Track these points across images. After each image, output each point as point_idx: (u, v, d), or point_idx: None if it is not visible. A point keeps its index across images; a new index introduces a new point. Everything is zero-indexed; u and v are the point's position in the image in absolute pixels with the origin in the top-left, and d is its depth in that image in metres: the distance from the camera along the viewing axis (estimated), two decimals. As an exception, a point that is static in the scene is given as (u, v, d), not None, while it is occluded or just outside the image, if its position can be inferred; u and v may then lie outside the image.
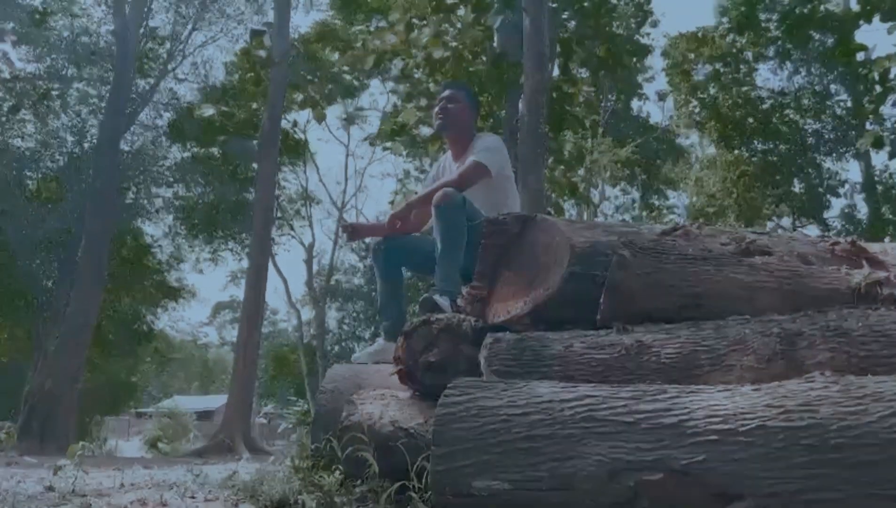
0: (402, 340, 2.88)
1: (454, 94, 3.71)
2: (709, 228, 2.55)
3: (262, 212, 14.80)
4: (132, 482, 3.53)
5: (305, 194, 24.68)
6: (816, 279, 1.99)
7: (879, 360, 1.65)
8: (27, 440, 12.15)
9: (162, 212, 19.18)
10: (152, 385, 48.81)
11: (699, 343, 1.81)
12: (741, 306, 1.98)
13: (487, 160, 3.46)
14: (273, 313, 38.53)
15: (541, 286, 2.48)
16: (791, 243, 2.45)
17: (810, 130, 16.34)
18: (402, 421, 2.74)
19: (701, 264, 2.05)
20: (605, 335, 1.96)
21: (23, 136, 17.24)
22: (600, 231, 2.53)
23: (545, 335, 2.03)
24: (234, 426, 11.68)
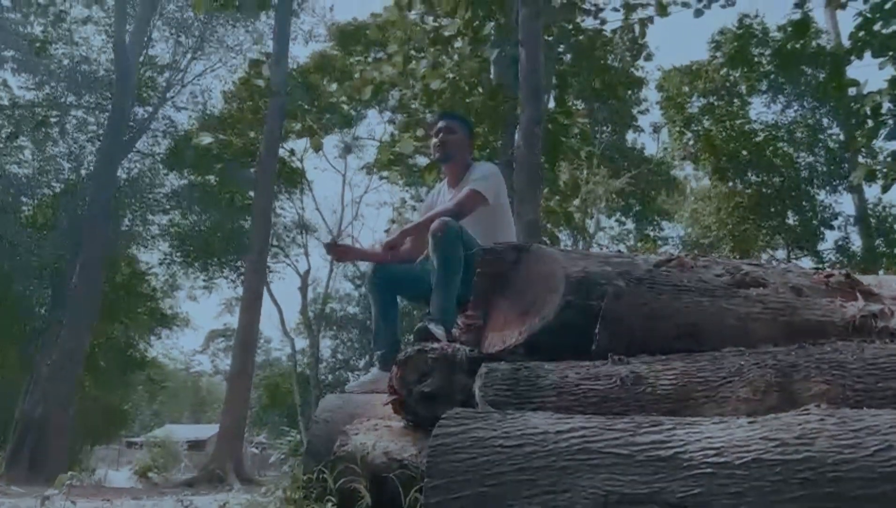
0: (397, 369, 2.87)
1: (450, 124, 3.74)
2: (703, 259, 2.56)
3: (257, 240, 14.80)
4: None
5: (301, 223, 24.70)
6: (811, 311, 2.00)
7: (875, 393, 1.65)
8: (15, 469, 11.98)
9: (157, 239, 19.17)
10: (144, 414, 48.33)
11: (694, 375, 1.80)
12: (736, 338, 1.98)
13: (484, 188, 3.48)
14: (267, 341, 38.30)
15: (536, 316, 2.48)
16: (785, 274, 2.45)
17: (804, 162, 16.48)
18: (395, 452, 2.72)
19: (696, 296, 2.06)
20: (601, 365, 1.96)
21: (20, 162, 17.28)
22: (595, 261, 2.54)
23: (540, 365, 2.02)
24: (226, 456, 11.55)
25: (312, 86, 17.40)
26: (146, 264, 19.93)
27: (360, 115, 21.74)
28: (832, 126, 16.40)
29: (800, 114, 16.78)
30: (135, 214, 18.14)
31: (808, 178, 16.15)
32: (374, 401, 3.27)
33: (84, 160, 17.50)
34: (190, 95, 18.85)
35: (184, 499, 5.90)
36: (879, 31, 10.12)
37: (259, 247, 14.74)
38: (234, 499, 5.50)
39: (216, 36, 18.62)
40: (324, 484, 2.79)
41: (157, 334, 20.74)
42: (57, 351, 13.31)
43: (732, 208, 15.45)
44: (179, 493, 9.46)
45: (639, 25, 12.13)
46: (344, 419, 3.23)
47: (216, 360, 49.09)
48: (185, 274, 21.06)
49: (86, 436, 22.08)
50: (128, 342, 19.26)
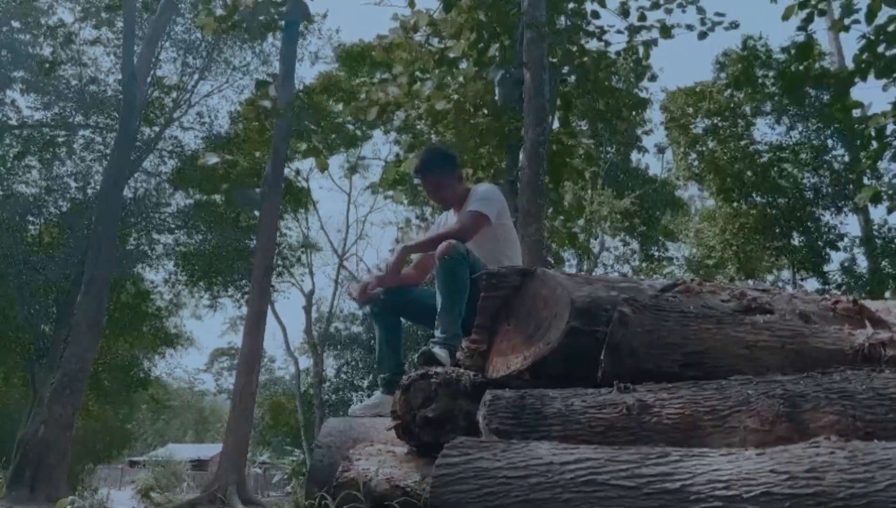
0: (400, 394, 2.85)
1: (428, 178, 3.71)
2: (709, 284, 2.55)
3: (262, 260, 14.79)
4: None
5: (306, 242, 24.73)
6: (819, 339, 1.97)
7: (884, 424, 1.63)
8: (17, 489, 11.92)
9: (162, 258, 19.22)
10: (147, 433, 48.18)
11: (701, 404, 1.78)
12: (743, 366, 1.96)
13: (485, 209, 3.48)
14: (271, 360, 38.23)
15: (541, 341, 2.47)
16: (792, 300, 2.43)
17: (808, 183, 16.48)
18: (398, 478, 2.69)
19: (702, 323, 2.04)
20: (607, 393, 1.93)
21: (27, 182, 17.38)
22: (601, 286, 2.53)
23: (545, 392, 2.00)
24: (228, 477, 11.47)
25: (318, 106, 17.50)
26: (151, 284, 19.98)
27: (365, 135, 21.85)
28: (837, 147, 16.42)
29: (804, 135, 16.81)
30: (140, 233, 18.20)
31: (814, 199, 16.14)
32: (377, 425, 3.24)
33: (91, 180, 17.62)
34: (196, 116, 19.01)
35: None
36: (883, 53, 10.14)
37: (264, 266, 14.73)
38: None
39: (223, 57, 18.78)
40: (327, 506, 2.77)
41: (162, 353, 20.72)
42: (60, 371, 13.29)
43: (737, 229, 15.44)
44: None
45: (643, 47, 12.20)
46: (347, 443, 3.20)
47: (220, 379, 48.95)
48: (190, 293, 21.09)
49: (89, 455, 22.02)
50: (132, 362, 19.25)
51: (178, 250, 19.31)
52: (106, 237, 14.49)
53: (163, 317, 19.89)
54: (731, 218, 16.08)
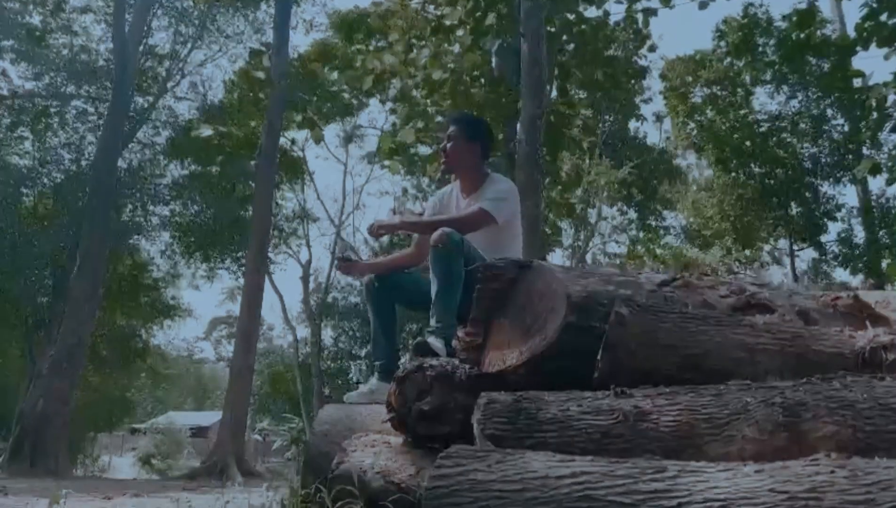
0: (395, 386, 2.83)
1: (452, 131, 3.62)
2: (708, 278, 2.51)
3: (258, 230, 14.76)
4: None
5: (303, 212, 24.62)
6: (819, 342, 1.94)
7: (884, 435, 1.60)
8: (17, 463, 12.01)
9: (158, 230, 19.12)
10: (147, 401, 48.48)
11: (699, 411, 1.75)
12: (742, 368, 1.93)
13: (496, 210, 3.40)
14: (269, 328, 38.34)
15: (537, 336, 2.43)
16: (792, 297, 2.40)
17: (807, 154, 16.38)
18: (393, 472, 2.68)
19: (701, 324, 2.01)
20: (603, 397, 1.91)
21: (21, 153, 17.22)
22: (597, 280, 2.49)
23: (541, 396, 1.97)
24: (227, 449, 11.56)
25: (313, 75, 17.27)
26: (148, 253, 19.91)
27: (361, 103, 21.62)
28: (836, 117, 16.29)
29: (804, 105, 16.65)
30: (136, 204, 18.08)
31: (812, 169, 16.06)
32: (373, 413, 3.23)
33: (84, 151, 17.44)
34: (190, 85, 18.77)
35: (181, 500, 5.89)
36: (886, 21, 10.00)
37: (260, 237, 14.70)
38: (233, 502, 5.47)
39: (216, 25, 18.47)
40: (322, 502, 2.76)
41: (160, 324, 20.74)
42: (58, 345, 13.30)
43: (735, 200, 15.38)
44: (181, 487, 9.47)
45: (642, 16, 12.02)
46: (342, 431, 3.19)
47: (219, 347, 49.18)
48: (187, 264, 21.04)
49: (89, 424, 22.17)
50: (130, 333, 19.27)
51: (175, 220, 19.21)
52: (100, 210, 14.41)
53: (160, 288, 19.86)
54: (728, 188, 16.01)
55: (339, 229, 26.36)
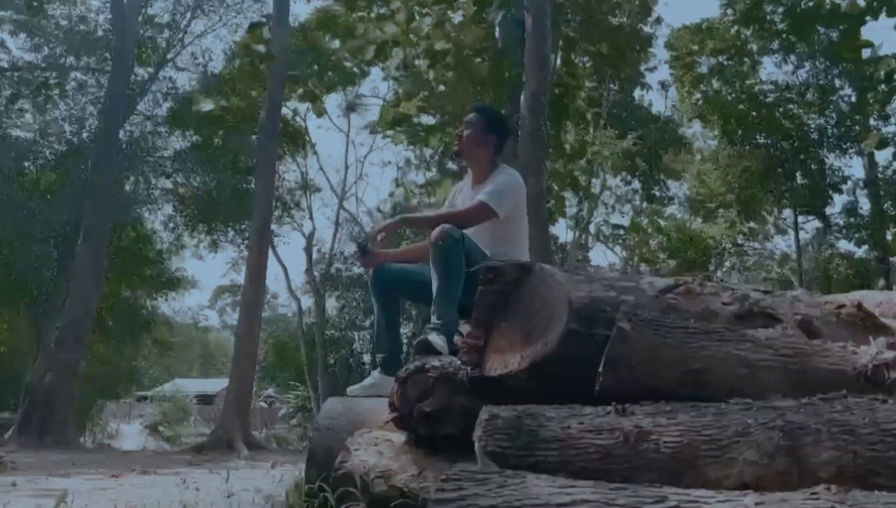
0: (398, 386, 2.85)
1: (472, 119, 3.64)
2: (710, 284, 2.50)
3: (261, 203, 14.73)
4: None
5: (305, 183, 24.54)
6: (822, 358, 1.94)
7: (885, 462, 1.60)
8: (27, 435, 12.18)
9: (161, 201, 19.09)
10: (153, 368, 48.92)
11: (700, 432, 1.75)
12: (743, 385, 1.93)
13: (497, 203, 3.38)
14: (273, 296, 38.47)
15: (539, 341, 2.43)
16: (795, 304, 2.39)
17: (814, 125, 16.20)
18: (396, 472, 2.70)
19: (703, 339, 2.00)
20: (604, 414, 1.91)
21: (21, 126, 17.14)
22: (599, 285, 2.48)
23: (542, 411, 1.97)
24: (233, 423, 11.70)
25: (314, 44, 17.05)
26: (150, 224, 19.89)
27: (363, 72, 21.41)
28: (844, 87, 16.09)
29: (811, 74, 16.43)
30: (138, 176, 18.02)
31: (818, 140, 15.90)
32: (375, 407, 3.25)
33: (85, 123, 17.34)
34: (191, 56, 18.57)
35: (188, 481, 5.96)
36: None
37: (263, 210, 14.68)
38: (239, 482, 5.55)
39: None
40: (325, 502, 2.80)
41: (164, 295, 20.82)
42: (64, 320, 13.39)
43: (740, 173, 15.26)
44: (188, 461, 9.59)
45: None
46: (346, 426, 3.22)
47: (224, 315, 49.46)
48: (190, 236, 21.05)
49: (97, 393, 22.39)
50: (136, 304, 19.37)
51: (178, 191, 19.16)
52: (103, 182, 14.39)
53: (164, 260, 19.91)
54: (733, 160, 15.88)
55: (342, 199, 26.33)
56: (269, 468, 7.59)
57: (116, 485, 5.75)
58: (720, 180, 16.08)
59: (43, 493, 5.04)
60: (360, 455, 2.85)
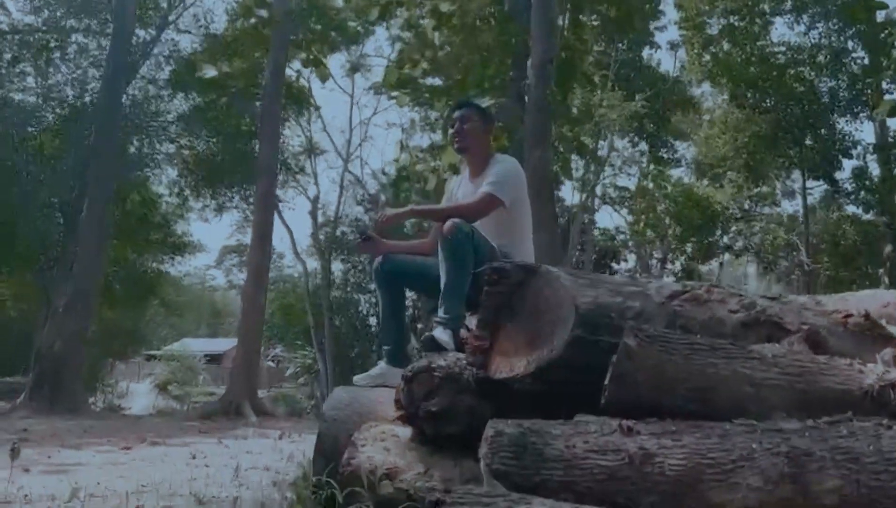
0: (404, 385, 2.87)
1: (467, 113, 3.64)
2: (718, 291, 2.48)
3: (266, 167, 14.67)
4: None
5: (310, 145, 24.37)
6: (828, 377, 1.93)
7: (889, 492, 1.61)
8: (38, 400, 12.37)
9: (165, 165, 19.02)
10: (161, 328, 49.39)
11: (704, 455, 1.76)
12: (748, 403, 1.93)
13: (501, 192, 3.40)
14: (279, 256, 38.53)
15: (544, 346, 2.44)
16: (803, 312, 2.38)
17: (825, 88, 15.93)
18: (402, 470, 2.73)
19: (709, 356, 1.99)
20: (609, 433, 1.92)
21: (23, 89, 17.01)
22: (605, 290, 2.48)
23: (547, 429, 1.98)
24: (241, 390, 11.86)
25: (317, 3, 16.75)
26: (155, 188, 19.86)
27: (367, 31, 21.09)
28: (857, 49, 15.76)
29: (824, 36, 16.10)
30: (142, 140, 17.93)
31: (829, 104, 15.65)
32: (381, 398, 3.29)
33: (87, 86, 17.18)
34: (193, 18, 18.30)
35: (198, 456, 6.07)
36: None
37: (268, 173, 14.62)
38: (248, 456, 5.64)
39: (217, -48, 17.88)
40: (332, 498, 2.84)
41: (171, 259, 20.89)
42: (71, 288, 13.47)
43: (749, 138, 15.07)
44: (198, 430, 9.73)
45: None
46: (352, 417, 3.25)
47: (230, 275, 49.72)
48: (196, 198, 21.03)
49: (106, 354, 22.65)
50: (142, 269, 19.45)
51: (181, 154, 19.07)
52: (106, 148, 14.34)
53: (169, 225, 19.92)
54: (742, 124, 15.67)
55: (347, 161, 26.17)
56: (277, 438, 7.74)
57: (128, 459, 5.84)
58: (728, 145, 15.88)
59: (56, 469, 5.11)
60: (366, 452, 2.88)
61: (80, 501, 3.71)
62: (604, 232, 27.68)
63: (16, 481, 3.86)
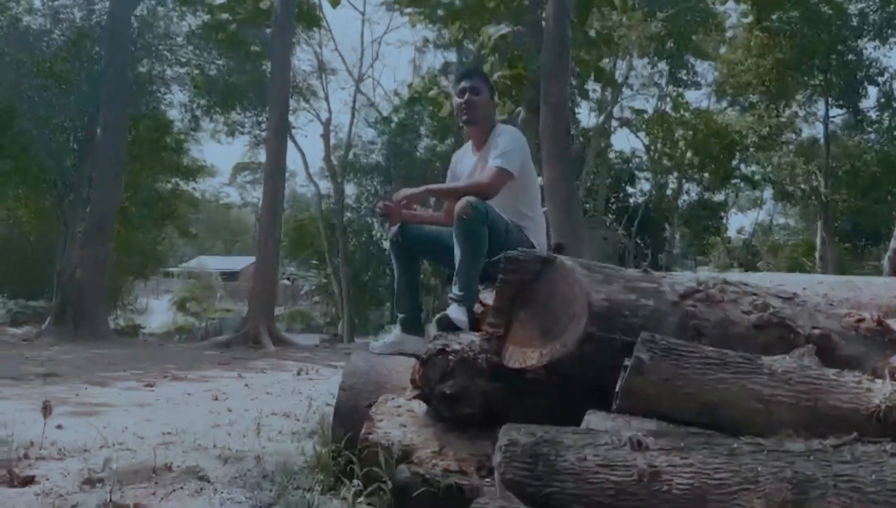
0: (419, 366, 2.96)
1: (476, 84, 3.64)
2: (731, 288, 2.50)
3: (278, 94, 14.47)
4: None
5: (321, 66, 24.00)
6: (836, 395, 1.97)
7: (887, 522, 1.67)
8: (62, 327, 12.74)
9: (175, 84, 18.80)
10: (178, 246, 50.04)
11: (711, 476, 1.83)
12: (757, 419, 1.99)
13: (509, 165, 3.44)
14: (291, 175, 38.59)
15: (557, 341, 2.49)
16: (815, 314, 2.40)
17: (854, 10, 15.31)
18: (417, 447, 2.84)
19: (720, 371, 2.04)
20: (620, 446, 1.98)
21: (30, 10, 16.70)
22: (620, 287, 2.50)
23: (559, 438, 2.04)
24: (259, 320, 12.10)
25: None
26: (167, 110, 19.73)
27: (380, -56, 20.40)
28: (891, -33, 15.03)
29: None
30: (152, 62, 17.69)
31: (857, 27, 15.07)
32: (397, 368, 3.39)
33: (95, 6, 16.83)
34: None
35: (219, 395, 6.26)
36: None
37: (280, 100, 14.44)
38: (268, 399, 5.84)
39: None
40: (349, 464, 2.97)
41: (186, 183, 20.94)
42: (89, 216, 13.63)
43: (772, 64, 14.62)
44: (217, 361, 10.00)
45: None
46: (369, 386, 3.37)
47: (243, 192, 49.95)
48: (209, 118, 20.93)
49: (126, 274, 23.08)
50: (157, 194, 19.57)
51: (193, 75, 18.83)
52: (117, 73, 14.20)
53: (183, 149, 19.90)
54: (765, 49, 15.16)
55: (359, 81, 25.76)
56: (296, 374, 7.97)
57: (152, 399, 6.04)
58: (751, 71, 15.43)
59: (84, 411, 5.28)
60: (383, 427, 2.99)
61: (109, 450, 3.86)
62: (620, 155, 27.42)
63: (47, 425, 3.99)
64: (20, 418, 4.77)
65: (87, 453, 3.77)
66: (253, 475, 3.44)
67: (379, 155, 23.94)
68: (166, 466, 3.48)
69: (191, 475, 3.37)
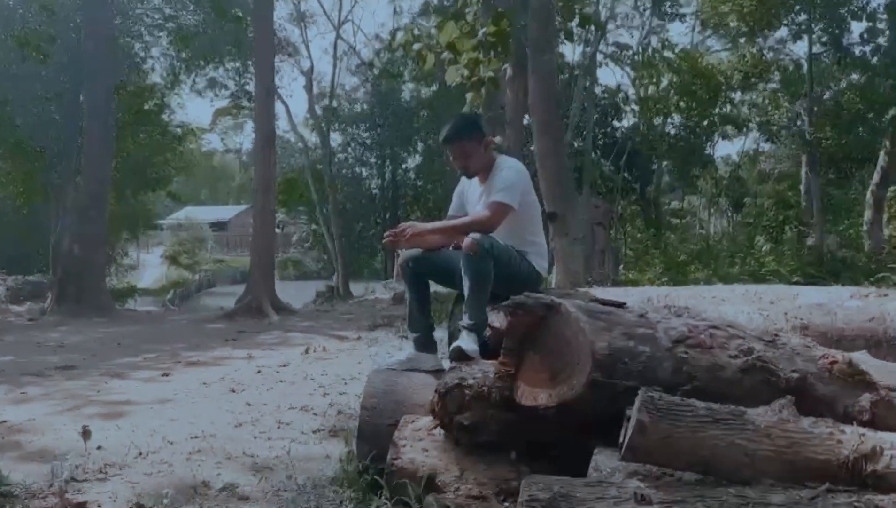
0: (437, 398, 3.25)
1: (459, 145, 3.86)
2: (720, 334, 2.77)
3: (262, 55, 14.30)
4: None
5: (299, 15, 23.59)
6: (811, 448, 2.27)
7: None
8: (64, 302, 12.96)
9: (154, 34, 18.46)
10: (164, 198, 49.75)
11: (704, 533, 2.14)
12: (744, 470, 2.29)
13: (510, 199, 3.67)
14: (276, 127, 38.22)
15: (565, 385, 2.78)
16: (794, 358, 2.69)
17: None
18: (440, 472, 3.17)
19: (711, 428, 2.32)
20: (626, 499, 2.28)
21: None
22: (619, 334, 2.77)
23: (573, 492, 2.32)
24: (261, 290, 12.31)
25: None
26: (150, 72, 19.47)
27: None
28: None
29: None
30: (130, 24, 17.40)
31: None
32: (414, 386, 3.68)
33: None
34: None
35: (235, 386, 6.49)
36: None
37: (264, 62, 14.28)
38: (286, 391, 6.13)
39: None
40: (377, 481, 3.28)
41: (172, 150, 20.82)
42: (82, 193, 13.67)
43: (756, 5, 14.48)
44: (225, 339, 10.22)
45: None
46: (389, 405, 3.65)
47: (225, 138, 49.38)
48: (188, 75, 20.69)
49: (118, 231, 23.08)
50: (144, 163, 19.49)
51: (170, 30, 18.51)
52: (99, 50, 14.00)
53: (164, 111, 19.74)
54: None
55: (339, 27, 25.36)
56: (304, 353, 8.23)
57: (172, 394, 6.26)
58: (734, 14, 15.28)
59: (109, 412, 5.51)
60: (407, 453, 3.30)
61: (145, 460, 4.11)
62: (606, 89, 27.34)
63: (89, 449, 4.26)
64: (51, 423, 5.06)
65: (127, 469, 4.04)
66: (287, 489, 3.73)
67: (365, 106, 23.79)
68: (204, 483, 3.76)
69: (230, 493, 3.66)
